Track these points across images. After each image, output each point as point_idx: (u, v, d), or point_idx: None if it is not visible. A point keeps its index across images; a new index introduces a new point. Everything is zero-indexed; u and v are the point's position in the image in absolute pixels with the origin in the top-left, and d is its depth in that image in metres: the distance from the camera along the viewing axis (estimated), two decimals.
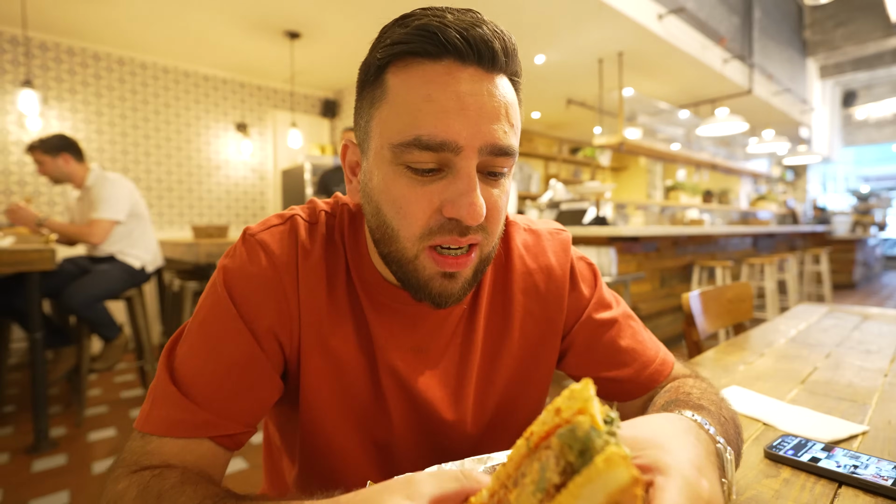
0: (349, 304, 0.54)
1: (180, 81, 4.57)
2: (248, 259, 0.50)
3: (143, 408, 0.48)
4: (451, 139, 0.42)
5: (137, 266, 2.57)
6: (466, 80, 0.43)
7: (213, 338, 0.48)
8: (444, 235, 0.45)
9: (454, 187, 0.44)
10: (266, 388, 0.50)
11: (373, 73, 0.46)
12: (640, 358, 0.61)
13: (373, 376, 0.55)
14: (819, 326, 1.34)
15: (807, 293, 5.85)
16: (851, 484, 0.53)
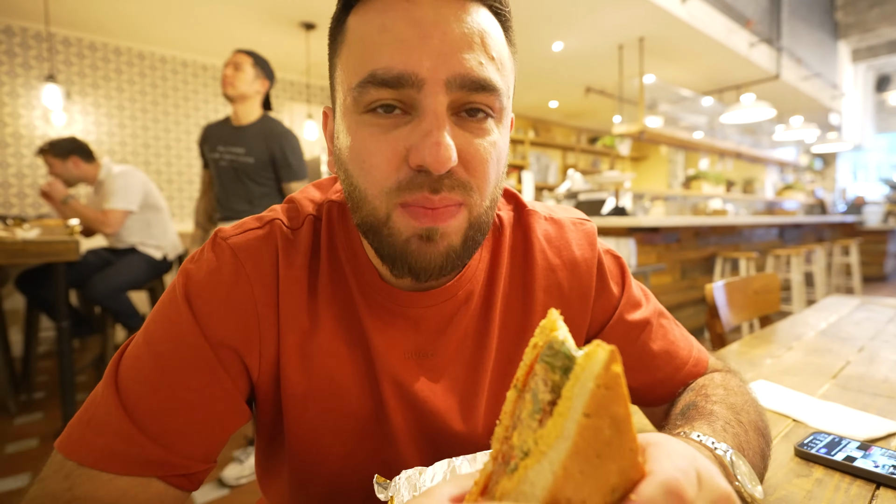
0: (341, 314, 0.48)
1: (199, 75, 4.62)
2: (216, 266, 0.44)
3: (72, 425, 0.39)
4: (409, 70, 0.36)
5: (159, 256, 2.62)
6: (427, 6, 0.37)
7: (168, 355, 0.41)
8: (413, 192, 0.38)
9: (419, 129, 0.38)
10: (229, 417, 0.43)
11: (337, 17, 0.42)
12: (674, 361, 0.56)
13: (372, 388, 0.49)
14: (851, 319, 1.29)
15: (835, 285, 5.66)
16: (892, 486, 0.50)
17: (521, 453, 0.25)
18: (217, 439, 0.43)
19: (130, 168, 2.60)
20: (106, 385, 0.40)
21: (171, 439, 0.40)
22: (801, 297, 4.08)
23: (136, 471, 0.38)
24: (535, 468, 0.23)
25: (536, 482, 0.23)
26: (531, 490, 0.23)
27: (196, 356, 0.41)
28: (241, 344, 0.43)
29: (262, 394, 0.48)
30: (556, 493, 0.22)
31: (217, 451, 0.44)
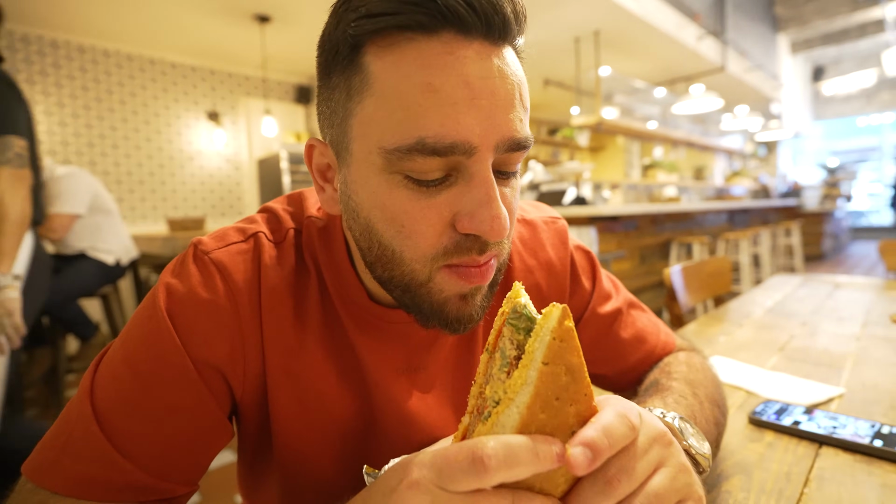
0: (328, 330, 0.47)
1: (146, 69, 4.40)
2: (200, 282, 0.41)
3: (43, 450, 0.37)
4: (462, 139, 0.34)
5: (111, 261, 2.50)
6: (473, 59, 0.34)
7: (150, 375, 0.39)
8: (461, 256, 0.37)
9: (470, 197, 0.35)
10: (213, 438, 0.42)
11: (345, 53, 0.36)
12: (643, 346, 0.60)
13: (363, 404, 0.49)
14: (794, 296, 1.39)
15: (779, 265, 6.03)
16: (832, 444, 0.55)
17: (493, 403, 0.28)
18: (201, 461, 0.42)
19: (75, 169, 2.45)
20: (81, 406, 0.38)
21: (155, 464, 0.38)
22: (750, 278, 4.33)
23: (118, 497, 0.37)
24: (505, 413, 0.27)
25: (506, 424, 0.27)
26: (502, 431, 0.27)
27: (180, 376, 0.39)
28: (224, 363, 0.42)
29: (246, 411, 0.46)
30: (522, 431, 0.26)
31: (200, 474, 0.42)
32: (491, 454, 0.25)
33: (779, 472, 0.51)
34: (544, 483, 0.28)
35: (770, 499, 0.46)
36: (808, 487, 0.48)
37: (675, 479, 0.30)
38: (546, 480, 0.28)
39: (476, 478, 0.25)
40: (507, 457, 0.25)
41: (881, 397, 0.69)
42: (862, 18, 7.62)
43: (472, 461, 0.25)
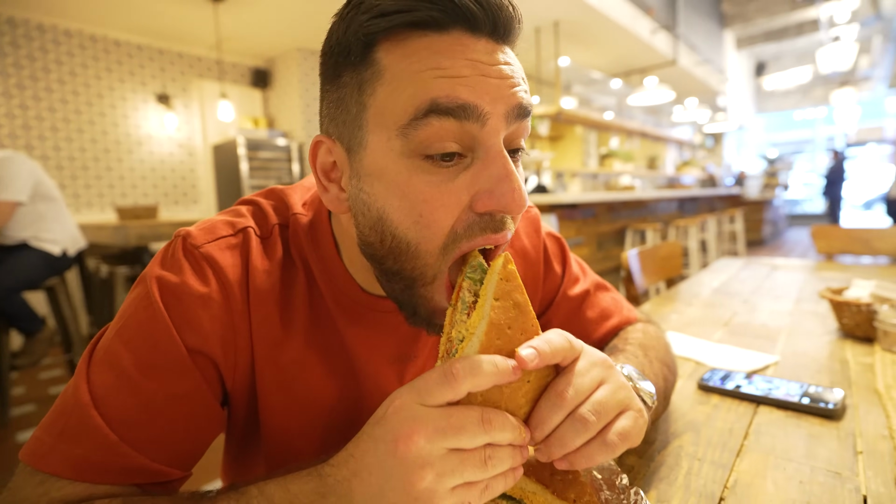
0: (315, 324, 0.48)
1: (87, 47, 4.12)
2: (193, 275, 0.43)
3: (39, 437, 0.38)
4: (473, 101, 0.35)
5: (56, 252, 2.36)
6: (481, 52, 0.36)
7: (147, 363, 0.40)
8: (474, 237, 0.38)
9: (487, 174, 0.36)
10: (208, 424, 0.43)
11: (357, 52, 0.37)
12: (608, 322, 0.64)
13: (350, 394, 0.50)
14: (737, 278, 1.51)
15: (724, 250, 6.42)
16: (767, 403, 0.63)
17: (458, 341, 0.34)
18: (195, 447, 0.43)
19: (13, 153, 2.28)
20: (78, 394, 0.38)
21: (151, 448, 0.39)
22: (698, 261, 4.59)
23: (116, 479, 0.38)
24: (468, 345, 0.33)
25: (469, 352, 0.33)
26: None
27: (176, 364, 0.40)
28: (217, 353, 0.43)
29: (235, 401, 0.48)
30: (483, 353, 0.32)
31: (195, 460, 0.43)
32: (458, 367, 0.31)
33: (723, 429, 0.58)
34: (508, 403, 0.33)
35: (716, 451, 0.53)
36: (747, 440, 0.55)
37: (615, 393, 0.37)
38: (509, 401, 0.33)
39: (448, 388, 0.31)
40: (471, 368, 0.31)
41: (809, 363, 0.78)
42: (800, 18, 8.11)
43: (443, 375, 0.31)
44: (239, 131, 4.64)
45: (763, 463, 0.50)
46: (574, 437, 0.34)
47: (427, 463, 0.30)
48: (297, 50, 4.88)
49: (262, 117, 5.24)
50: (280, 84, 5.18)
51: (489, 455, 0.31)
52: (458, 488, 0.31)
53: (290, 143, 4.92)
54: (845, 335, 0.89)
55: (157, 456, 0.39)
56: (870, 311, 0.84)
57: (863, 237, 1.78)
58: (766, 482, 0.47)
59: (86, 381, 0.39)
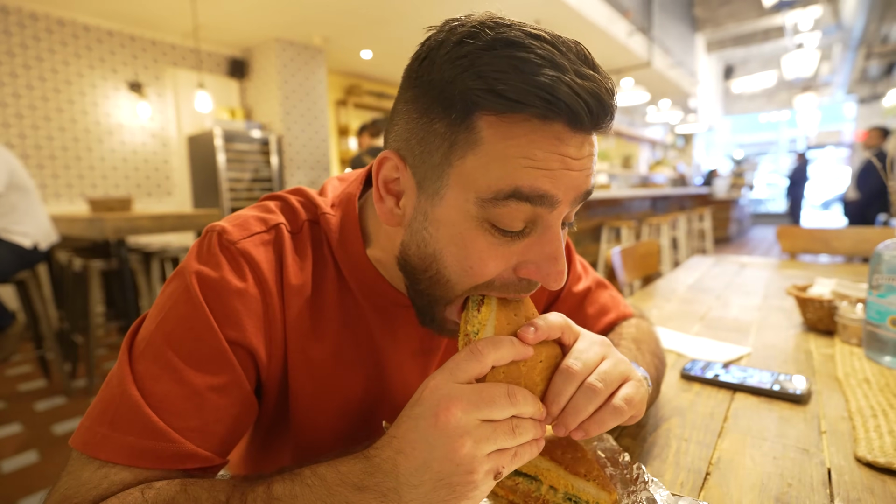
0: (344, 319, 0.51)
1: (53, 31, 3.96)
2: (230, 270, 0.45)
3: (89, 426, 0.40)
4: (551, 192, 0.38)
5: (28, 245, 2.29)
6: (573, 145, 0.38)
7: (189, 355, 0.42)
8: (507, 291, 0.42)
9: (540, 250, 0.40)
10: (246, 414, 0.46)
11: (458, 110, 0.37)
12: (606, 318, 0.69)
13: (376, 386, 0.53)
14: (709, 275, 1.60)
15: (693, 248, 6.66)
16: (743, 390, 0.70)
17: (473, 333, 0.41)
18: (233, 435, 0.45)
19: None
20: (124, 383, 0.41)
21: (197, 435, 0.41)
22: (669, 259, 4.77)
23: (168, 464, 0.40)
24: (483, 333, 0.40)
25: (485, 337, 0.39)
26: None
27: (218, 356, 0.43)
28: (254, 344, 0.45)
29: (267, 391, 0.50)
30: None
31: (232, 447, 0.46)
32: (482, 344, 0.37)
33: (705, 413, 0.64)
34: (526, 381, 0.38)
35: (700, 432, 0.59)
36: (726, 422, 0.61)
37: (617, 365, 0.41)
38: (526, 379, 0.38)
39: (476, 362, 0.36)
40: (493, 343, 0.37)
41: (778, 353, 0.85)
42: (766, 24, 8.44)
43: (470, 353, 0.36)
44: (216, 122, 4.54)
45: (741, 442, 0.56)
46: (586, 404, 0.39)
47: (465, 432, 0.33)
48: (275, 40, 4.80)
49: (239, 108, 5.14)
50: (258, 75, 5.08)
51: (516, 425, 0.36)
52: (493, 454, 0.35)
53: (269, 136, 4.85)
54: (809, 329, 0.98)
55: (202, 443, 0.41)
56: (831, 307, 0.92)
57: (823, 237, 1.90)
58: (745, 458, 0.53)
59: (130, 373, 0.41)
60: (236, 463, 0.65)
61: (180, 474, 0.41)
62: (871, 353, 0.79)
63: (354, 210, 0.51)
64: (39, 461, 1.87)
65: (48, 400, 2.44)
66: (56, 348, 2.46)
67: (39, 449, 1.96)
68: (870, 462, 0.50)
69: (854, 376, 0.72)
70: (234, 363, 0.44)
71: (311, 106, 5.19)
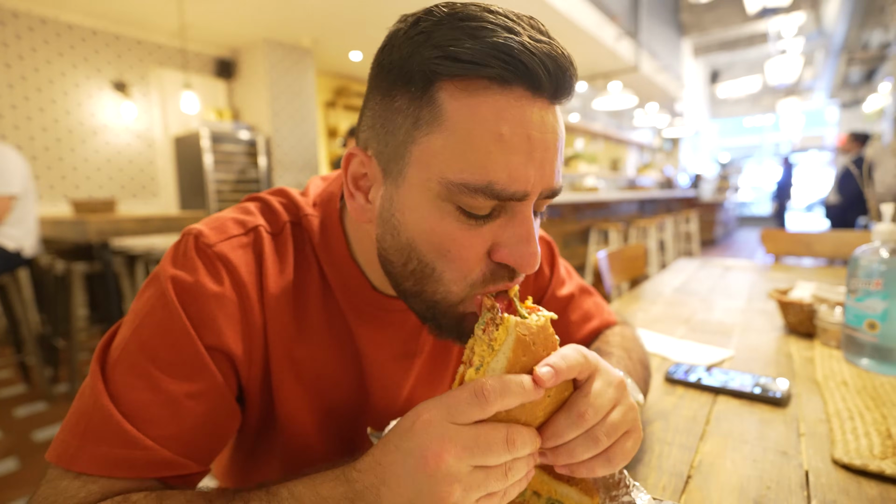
0: (327, 321, 0.50)
1: (35, 29, 3.89)
2: (206, 274, 0.44)
3: (64, 439, 0.39)
4: (521, 189, 0.38)
5: (11, 248, 2.24)
6: (536, 114, 0.37)
7: (165, 362, 0.41)
8: (497, 283, 0.41)
9: (512, 232, 0.39)
10: (227, 421, 0.45)
11: (418, 83, 0.37)
12: (589, 324, 0.69)
13: (360, 387, 0.53)
14: (695, 277, 1.62)
15: (679, 250, 6.74)
16: (725, 393, 0.71)
17: (479, 358, 0.36)
18: (214, 443, 0.44)
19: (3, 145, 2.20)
20: (96, 393, 0.39)
21: (174, 442, 0.40)
22: (657, 261, 4.82)
23: (142, 473, 0.39)
24: (494, 359, 0.35)
25: (496, 368, 0.35)
26: (492, 374, 0.35)
27: (195, 361, 0.42)
28: (232, 349, 0.44)
29: (250, 396, 0.49)
30: (509, 371, 0.35)
31: (214, 455, 0.45)
32: (489, 388, 0.32)
33: (688, 416, 0.65)
34: (527, 416, 0.35)
35: (682, 435, 0.60)
36: (708, 425, 0.62)
37: (626, 415, 0.39)
38: (528, 414, 0.35)
39: (479, 408, 0.32)
40: (502, 389, 0.32)
41: (759, 356, 0.86)
42: (751, 30, 8.58)
43: (475, 395, 0.32)
44: (202, 123, 4.50)
45: (723, 445, 0.57)
46: (584, 453, 0.37)
47: (455, 479, 0.32)
48: (264, 41, 4.76)
49: (226, 109, 5.09)
50: (245, 75, 5.04)
51: (509, 467, 0.34)
52: (482, 499, 0.33)
53: (256, 137, 4.81)
54: (790, 332, 0.99)
55: (180, 450, 0.40)
56: (811, 311, 0.94)
57: (805, 240, 1.94)
58: (726, 461, 0.53)
59: (102, 382, 0.40)
60: (224, 472, 0.64)
61: (158, 483, 0.40)
62: (849, 355, 0.80)
63: (336, 210, 0.51)
64: (20, 468, 1.83)
65: (28, 406, 2.39)
66: (37, 353, 2.41)
67: (19, 456, 1.92)
68: (846, 464, 0.51)
69: (833, 379, 0.74)
70: (212, 369, 0.43)
71: (299, 107, 5.17)
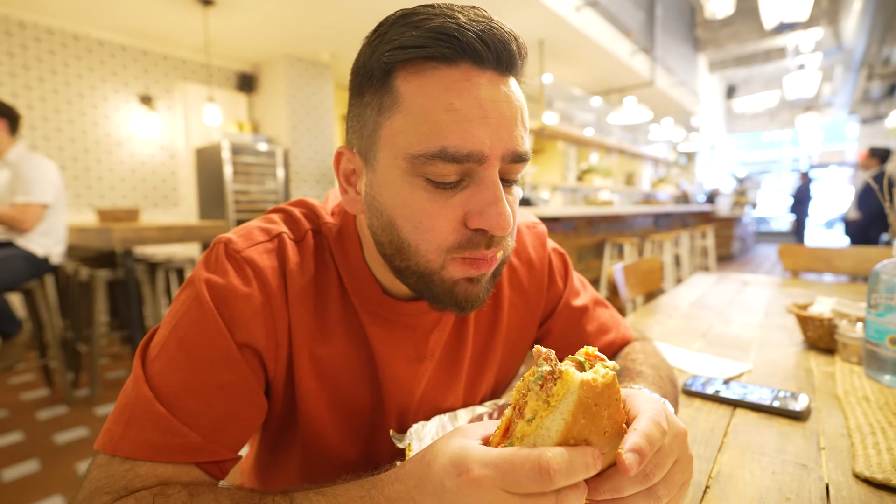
0: (345, 323, 0.53)
1: (68, 45, 4.05)
2: (236, 277, 0.48)
3: (110, 428, 0.43)
4: (476, 149, 0.40)
5: (41, 254, 2.32)
6: (485, 85, 0.41)
7: (200, 356, 0.45)
8: (472, 250, 0.44)
9: (480, 197, 0.42)
10: (254, 410, 0.48)
11: (378, 76, 0.43)
12: (605, 337, 0.69)
13: (374, 387, 0.56)
14: (711, 292, 1.60)
15: (696, 265, 6.66)
16: (743, 406, 0.70)
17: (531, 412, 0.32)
18: (243, 432, 0.47)
19: (39, 155, 2.31)
20: (138, 385, 0.43)
21: (209, 431, 0.44)
22: (672, 275, 4.77)
23: (180, 458, 0.42)
24: (549, 417, 0.31)
25: (551, 428, 0.31)
26: (546, 433, 0.31)
27: (226, 357, 0.45)
28: (261, 346, 0.48)
29: (275, 390, 0.52)
30: (566, 434, 0.31)
31: (243, 443, 0.48)
32: (556, 467, 0.29)
33: (706, 428, 0.65)
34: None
35: (700, 446, 0.60)
36: (726, 437, 0.62)
37: (685, 470, 0.37)
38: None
39: (540, 485, 0.29)
40: (568, 469, 0.29)
41: (778, 371, 0.86)
42: (768, 45, 8.55)
43: (539, 471, 0.29)
44: (223, 135, 4.61)
45: (741, 457, 0.57)
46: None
47: None
48: (284, 56, 4.89)
49: (246, 121, 5.21)
50: (266, 89, 5.17)
51: None
52: None
53: (275, 149, 4.91)
54: (809, 347, 0.98)
55: (213, 437, 0.44)
56: (831, 326, 0.93)
57: (825, 256, 1.91)
58: (744, 473, 0.54)
59: (144, 375, 0.44)
60: (248, 467, 0.67)
61: (195, 468, 0.43)
62: (870, 371, 0.79)
63: (352, 218, 0.54)
64: (40, 470, 1.87)
65: (50, 409, 2.44)
66: (59, 357, 2.47)
67: (40, 458, 1.96)
68: (868, 478, 0.51)
69: (854, 394, 0.73)
70: (242, 363, 0.46)
71: (317, 120, 5.27)
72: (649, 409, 0.35)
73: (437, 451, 0.34)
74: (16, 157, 2.23)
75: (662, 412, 0.35)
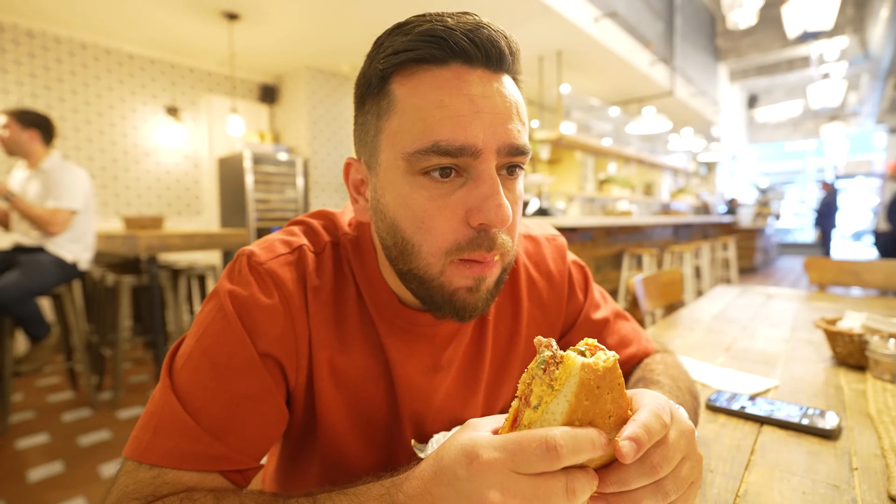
0: (363, 333, 0.54)
1: (100, 59, 4.20)
2: (258, 289, 0.49)
3: (137, 436, 0.44)
4: (469, 143, 0.41)
5: (70, 259, 2.39)
6: (476, 83, 0.42)
7: (224, 366, 0.45)
8: (472, 251, 0.44)
9: (477, 192, 0.42)
10: (276, 418, 0.49)
11: (375, 84, 0.45)
12: (627, 350, 0.68)
13: (391, 398, 0.56)
14: (734, 305, 1.57)
15: (717, 277, 6.52)
16: (770, 423, 0.69)
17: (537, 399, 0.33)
18: (265, 441, 0.48)
19: (69, 162, 2.41)
20: (165, 397, 0.44)
21: (231, 438, 0.44)
22: (692, 287, 4.68)
23: (205, 466, 0.43)
24: (554, 401, 0.32)
25: (556, 411, 0.32)
26: (552, 417, 0.32)
27: (250, 367, 0.46)
28: (282, 356, 0.49)
29: (295, 399, 0.53)
30: (570, 416, 0.32)
31: (265, 451, 0.48)
32: (562, 443, 0.30)
33: (731, 445, 0.63)
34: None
35: (726, 464, 0.58)
36: (753, 455, 0.60)
37: (694, 468, 0.36)
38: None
39: (548, 463, 0.30)
40: (574, 446, 0.30)
41: (806, 387, 0.84)
42: (791, 54, 8.40)
43: (546, 448, 0.30)
44: (245, 145, 4.71)
45: (769, 476, 0.55)
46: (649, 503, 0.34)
47: None
48: (305, 68, 4.99)
49: (268, 132, 5.32)
50: (287, 100, 5.28)
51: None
52: None
53: (296, 158, 5.00)
54: (839, 363, 0.96)
55: (235, 445, 0.44)
56: (862, 342, 0.90)
57: (853, 269, 1.85)
58: (773, 492, 0.52)
59: (171, 386, 0.45)
60: (269, 476, 0.67)
61: (219, 476, 0.44)
62: None
63: (368, 228, 0.55)
64: (65, 471, 1.91)
65: (75, 411, 2.51)
66: (85, 361, 2.53)
67: (65, 459, 2.01)
68: None
69: (887, 413, 0.71)
70: (265, 373, 0.47)
71: (337, 131, 5.35)
72: (651, 402, 0.35)
73: (449, 444, 0.35)
74: (50, 166, 2.32)
75: (665, 406, 0.35)
